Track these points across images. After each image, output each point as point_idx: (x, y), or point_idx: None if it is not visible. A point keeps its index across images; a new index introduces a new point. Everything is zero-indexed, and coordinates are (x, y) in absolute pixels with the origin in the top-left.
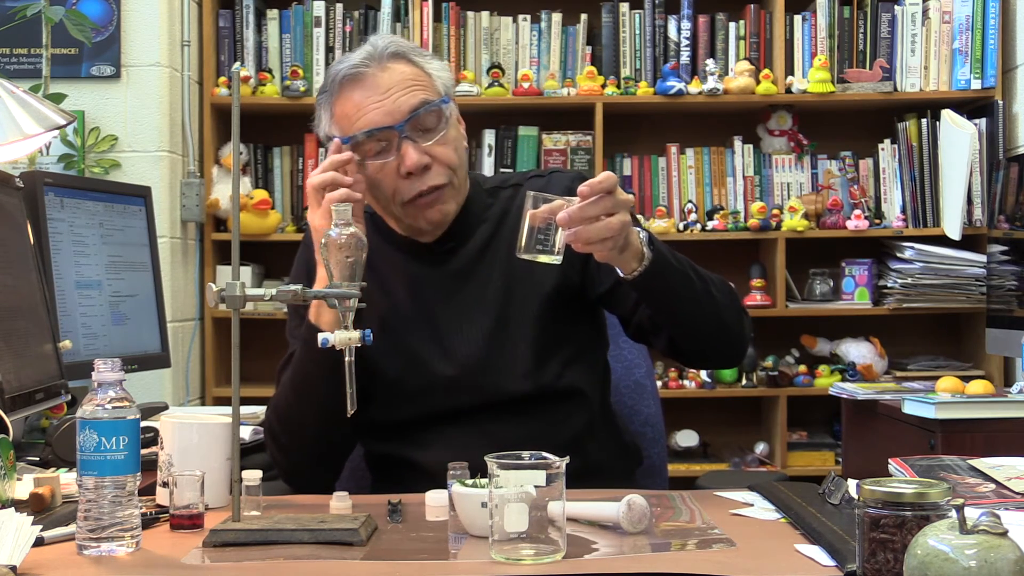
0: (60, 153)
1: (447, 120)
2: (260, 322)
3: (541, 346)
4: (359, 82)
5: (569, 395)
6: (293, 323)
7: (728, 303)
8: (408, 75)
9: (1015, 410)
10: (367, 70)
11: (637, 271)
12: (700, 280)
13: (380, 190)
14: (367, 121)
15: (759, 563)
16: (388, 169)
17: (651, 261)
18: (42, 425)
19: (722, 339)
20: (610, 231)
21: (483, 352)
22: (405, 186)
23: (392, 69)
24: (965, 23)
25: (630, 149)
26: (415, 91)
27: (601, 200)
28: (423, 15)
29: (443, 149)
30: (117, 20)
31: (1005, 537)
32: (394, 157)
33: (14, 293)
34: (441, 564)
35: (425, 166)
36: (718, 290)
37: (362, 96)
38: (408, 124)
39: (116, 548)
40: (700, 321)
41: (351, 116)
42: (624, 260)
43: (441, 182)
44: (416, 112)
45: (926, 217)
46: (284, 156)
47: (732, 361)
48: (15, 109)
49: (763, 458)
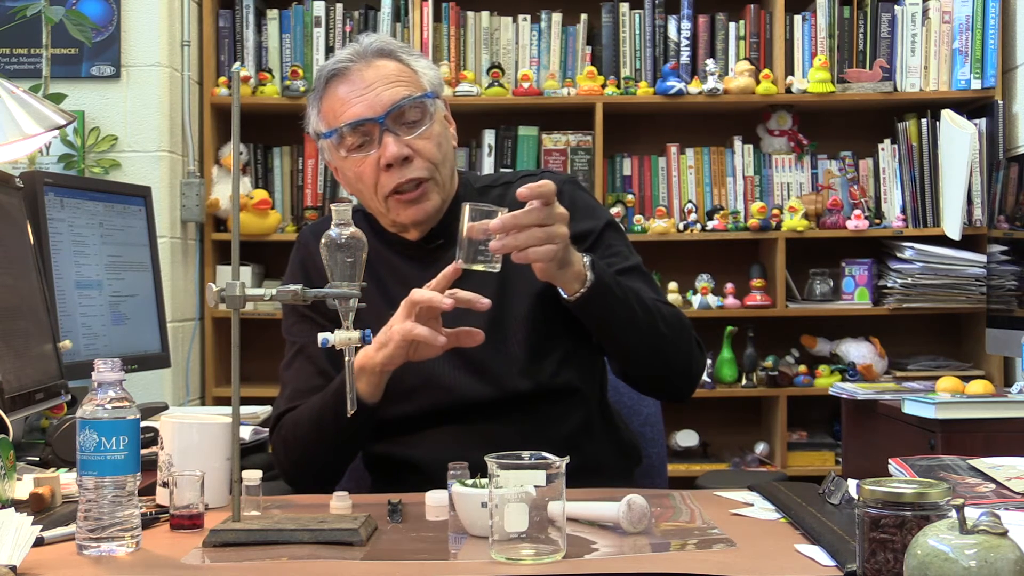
0: (60, 153)
1: (431, 116)
2: (260, 322)
3: (535, 345)
4: (344, 77)
5: (566, 393)
6: (289, 321)
7: (675, 339)
8: (393, 71)
9: (1015, 410)
10: (352, 65)
11: (578, 293)
12: (645, 312)
13: (364, 183)
14: (350, 114)
15: (759, 563)
16: (370, 162)
17: (592, 284)
18: (42, 425)
19: (663, 373)
20: (544, 239)
21: (479, 351)
22: (385, 178)
23: (377, 65)
24: (965, 23)
25: (630, 149)
26: (398, 86)
27: (536, 211)
28: (423, 15)
29: (425, 143)
30: (117, 20)
31: (1005, 537)
32: (376, 150)
33: (14, 293)
34: (441, 564)
35: (405, 158)
36: (667, 325)
37: (347, 91)
38: (389, 117)
39: (116, 548)
40: (641, 352)
41: (336, 110)
42: (566, 280)
43: (422, 176)
44: (398, 105)
45: (926, 217)
46: (284, 156)
47: (676, 396)
48: (15, 109)
49: (763, 458)
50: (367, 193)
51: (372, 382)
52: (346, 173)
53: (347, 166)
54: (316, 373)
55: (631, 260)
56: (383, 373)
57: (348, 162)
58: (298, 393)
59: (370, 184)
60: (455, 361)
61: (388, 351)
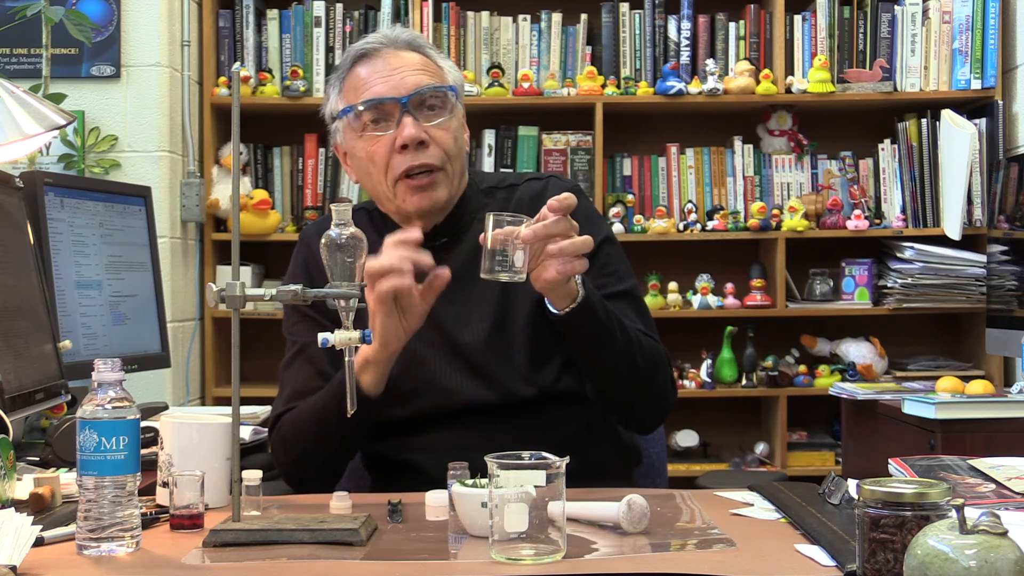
0: (60, 153)
1: (452, 108)
2: (260, 322)
3: (537, 351)
4: (371, 58)
5: (568, 398)
6: (291, 320)
7: (650, 372)
8: (419, 62)
9: (1015, 410)
10: (382, 48)
11: (567, 309)
12: (625, 341)
13: (375, 164)
14: (373, 92)
15: (759, 563)
16: (384, 141)
17: (581, 303)
18: (42, 425)
19: (631, 402)
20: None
21: (483, 355)
22: (398, 159)
23: (405, 56)
24: (965, 23)
25: (630, 149)
26: (423, 75)
27: (562, 222)
28: (423, 15)
29: (442, 133)
30: (117, 20)
31: (1005, 537)
32: (393, 130)
33: (14, 293)
34: (441, 564)
35: (421, 142)
36: (644, 358)
37: (371, 71)
38: (412, 100)
39: (116, 548)
40: (613, 379)
41: (358, 88)
42: (560, 294)
43: (434, 163)
44: (421, 90)
45: (926, 217)
46: (284, 156)
47: (638, 427)
48: (15, 109)
49: (763, 458)
50: (376, 176)
51: (377, 371)
52: (357, 154)
53: (360, 145)
54: (316, 374)
55: (625, 283)
56: (388, 359)
57: (362, 141)
58: (297, 394)
59: (381, 165)
60: (456, 365)
61: (379, 329)
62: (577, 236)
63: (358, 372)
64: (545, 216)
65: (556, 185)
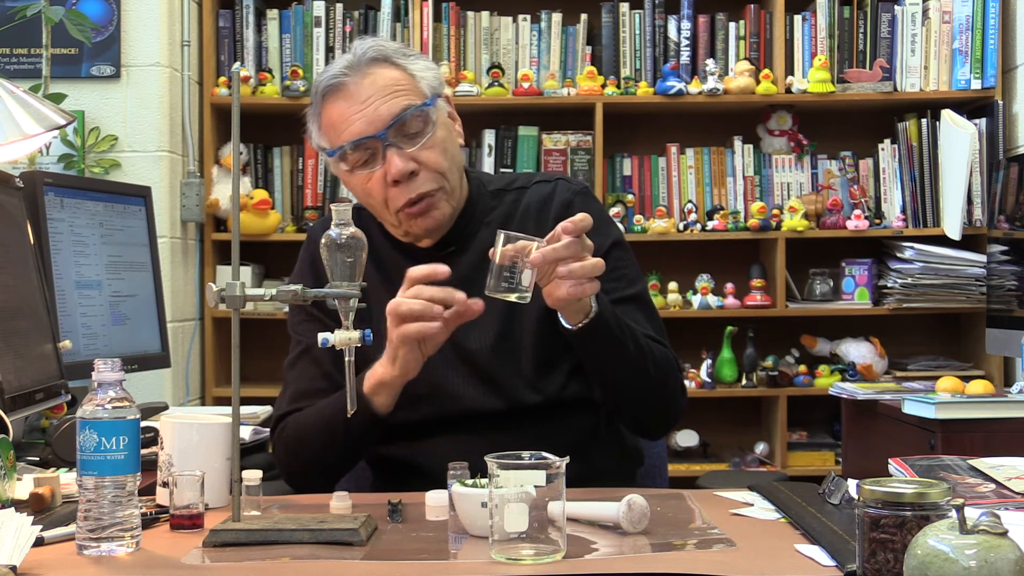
0: (60, 153)
1: (433, 123)
2: (260, 322)
3: (544, 359)
4: (340, 92)
5: (575, 404)
6: (296, 319)
7: (661, 381)
8: (389, 80)
9: (1015, 410)
10: (347, 79)
11: (580, 324)
12: (637, 352)
13: (373, 199)
14: (351, 132)
15: (759, 563)
16: (376, 178)
17: (595, 317)
18: (42, 425)
19: (641, 411)
20: (596, 270)
21: (490, 362)
22: (395, 194)
23: (373, 75)
24: (965, 23)
25: (630, 149)
26: (397, 97)
27: (574, 244)
28: (423, 15)
29: (430, 153)
30: (117, 20)
31: (1005, 537)
32: (380, 166)
33: (14, 293)
34: (441, 564)
35: (412, 172)
36: (656, 367)
37: (344, 107)
38: (390, 131)
39: (116, 548)
40: (624, 388)
41: (337, 127)
42: (574, 310)
43: (430, 188)
44: (398, 119)
45: (926, 217)
46: (284, 156)
47: (647, 434)
48: (15, 109)
49: (763, 458)
50: (378, 208)
51: (391, 394)
52: (355, 188)
53: (355, 182)
54: (320, 375)
55: (635, 287)
56: (403, 383)
57: (355, 178)
58: (301, 394)
59: (379, 199)
60: (463, 371)
61: (400, 360)
62: (590, 258)
63: (371, 394)
64: (558, 236)
65: (564, 188)
